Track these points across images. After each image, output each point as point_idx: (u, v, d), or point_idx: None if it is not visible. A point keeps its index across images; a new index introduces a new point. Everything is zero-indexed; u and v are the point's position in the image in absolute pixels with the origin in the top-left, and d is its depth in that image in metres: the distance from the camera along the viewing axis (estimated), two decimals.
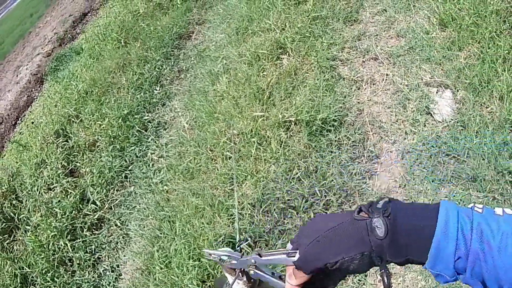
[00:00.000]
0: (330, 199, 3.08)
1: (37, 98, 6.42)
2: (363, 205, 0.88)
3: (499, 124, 3.06)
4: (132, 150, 4.18)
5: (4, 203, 4.25)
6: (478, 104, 3.20)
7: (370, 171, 3.30)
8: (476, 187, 2.93)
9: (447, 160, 3.10)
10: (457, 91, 3.36)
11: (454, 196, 2.92)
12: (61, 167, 4.19)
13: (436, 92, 3.42)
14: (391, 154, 3.34)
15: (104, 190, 4.04)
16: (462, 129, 3.16)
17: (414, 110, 3.37)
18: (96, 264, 3.75)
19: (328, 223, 0.88)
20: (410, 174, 3.16)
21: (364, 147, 3.36)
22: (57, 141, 4.43)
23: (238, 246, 1.16)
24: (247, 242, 2.62)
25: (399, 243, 0.82)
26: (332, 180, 3.14)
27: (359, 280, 2.92)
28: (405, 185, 3.14)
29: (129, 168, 4.15)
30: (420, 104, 3.38)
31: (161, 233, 3.35)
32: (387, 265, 0.86)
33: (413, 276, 2.86)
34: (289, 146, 3.27)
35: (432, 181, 3.07)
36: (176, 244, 3.11)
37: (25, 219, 4.12)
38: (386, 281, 1.96)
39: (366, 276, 2.95)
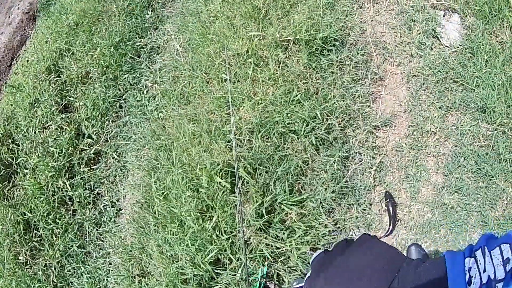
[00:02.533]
0: (332, 123, 2.93)
1: (30, 36, 6.21)
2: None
3: (510, 55, 2.88)
4: (125, 78, 3.97)
5: (1, 149, 4.15)
6: (487, 32, 2.95)
7: (374, 93, 3.15)
8: (485, 119, 2.76)
9: (454, 87, 2.93)
10: (465, 16, 3.11)
11: (461, 125, 2.80)
12: (54, 103, 4.03)
13: (443, 16, 3.19)
14: (395, 76, 3.18)
15: (99, 123, 3.88)
16: (470, 56, 2.95)
17: (420, 33, 3.15)
18: (96, 201, 3.68)
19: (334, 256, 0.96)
20: (416, 99, 3.02)
21: (367, 69, 3.17)
22: (49, 77, 4.24)
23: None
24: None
25: None
26: (334, 103, 2.96)
27: (363, 209, 2.83)
28: (410, 110, 2.99)
29: (123, 97, 3.97)
30: (427, 26, 3.13)
31: (158, 163, 3.24)
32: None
33: (420, 208, 2.73)
34: (287, 66, 3.05)
35: (439, 108, 2.93)
36: (174, 174, 3.03)
37: (23, 162, 3.99)
38: (391, 211, 1.99)
39: (370, 205, 2.87)
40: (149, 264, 3.08)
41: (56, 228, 3.61)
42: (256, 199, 2.68)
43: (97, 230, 3.57)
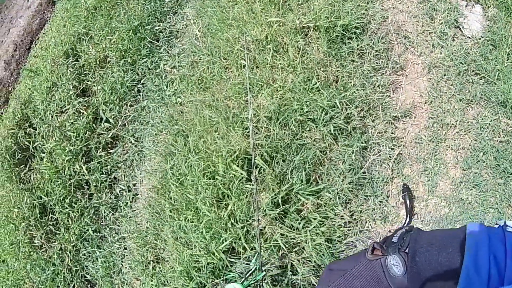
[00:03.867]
0: (351, 112, 2.87)
1: (49, 19, 6.23)
2: (376, 242, 0.82)
3: None
4: (144, 62, 3.95)
5: (19, 132, 4.18)
6: (510, 25, 2.88)
7: (394, 83, 3.08)
8: (506, 113, 2.70)
9: (476, 79, 2.87)
10: (488, 7, 3.04)
11: (482, 119, 2.73)
12: (72, 87, 4.04)
13: (466, 6, 3.11)
14: (416, 67, 3.11)
15: (117, 107, 3.88)
16: (492, 49, 2.88)
17: (442, 22, 3.08)
18: (112, 185, 3.69)
19: (342, 269, 0.83)
20: (437, 91, 2.95)
21: (388, 58, 3.11)
22: (67, 61, 4.24)
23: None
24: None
25: (422, 279, 0.73)
26: (354, 92, 2.91)
27: (380, 201, 2.79)
28: (431, 102, 2.92)
29: (142, 81, 3.95)
30: (449, 16, 3.05)
31: (175, 149, 3.24)
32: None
33: (437, 202, 2.69)
34: (307, 53, 2.99)
35: (460, 100, 2.87)
36: (190, 161, 3.01)
37: (40, 146, 4.03)
38: (408, 204, 1.86)
39: (388, 197, 2.83)
40: (164, 250, 3.09)
41: (72, 212, 3.64)
42: (273, 188, 2.66)
43: (113, 214, 3.59)
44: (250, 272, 2.49)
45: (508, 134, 2.69)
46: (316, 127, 2.81)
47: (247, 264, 2.69)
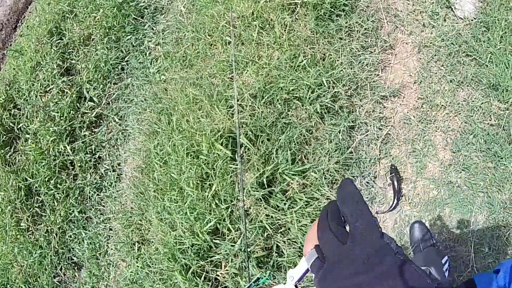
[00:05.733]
0: (338, 91, 2.81)
1: None
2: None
3: None
4: (128, 39, 3.87)
5: (3, 114, 4.09)
6: (504, 7, 2.83)
7: (383, 62, 3.03)
8: (497, 97, 2.66)
9: (467, 61, 2.82)
10: None
11: (472, 101, 2.69)
12: (56, 66, 3.94)
13: None
14: (406, 46, 3.05)
15: (101, 85, 3.80)
16: (485, 31, 2.83)
17: (433, 2, 3.00)
18: (97, 165, 3.64)
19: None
20: (427, 71, 2.90)
21: (377, 36, 3.04)
22: (51, 40, 4.13)
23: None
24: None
25: None
26: (341, 70, 2.85)
27: (367, 182, 2.75)
28: (420, 82, 2.87)
29: (126, 59, 3.87)
30: None
31: (158, 128, 3.17)
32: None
33: (425, 184, 2.65)
34: (294, 30, 2.91)
35: (450, 81, 2.82)
36: (173, 140, 2.95)
37: (24, 127, 3.96)
38: (396, 185, 1.75)
39: (375, 178, 2.80)
40: (149, 231, 3.05)
41: (57, 194, 3.59)
42: (258, 167, 2.60)
43: (98, 195, 3.55)
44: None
45: (499, 118, 2.65)
46: (302, 105, 2.75)
47: (232, 245, 2.65)
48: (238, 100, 2.69)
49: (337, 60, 2.88)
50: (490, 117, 2.68)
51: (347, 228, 0.69)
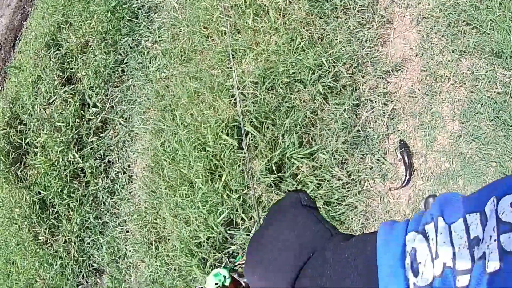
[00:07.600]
0: (339, 70, 2.78)
1: (30, 13, 6.16)
2: None
3: None
4: (125, 41, 3.88)
5: (10, 132, 4.14)
6: None
7: (382, 37, 2.99)
8: (502, 64, 2.58)
9: (468, 30, 2.74)
10: None
11: (477, 70, 2.64)
12: (57, 78, 3.96)
13: None
14: (404, 19, 3.01)
15: (103, 90, 3.81)
16: None
17: None
18: (107, 169, 3.65)
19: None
20: (428, 43, 2.85)
21: (373, 12, 3.00)
22: (49, 52, 4.15)
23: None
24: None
25: None
26: (341, 49, 2.82)
27: (377, 159, 2.72)
28: (422, 54, 2.82)
29: (125, 61, 3.88)
30: None
31: (163, 125, 3.17)
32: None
33: (436, 157, 2.60)
34: (289, 14, 2.88)
35: (453, 52, 2.76)
36: (180, 135, 2.95)
37: (32, 141, 3.99)
38: (407, 160, 1.70)
39: (385, 154, 2.76)
40: (164, 229, 3.06)
41: (71, 202, 3.61)
42: (265, 154, 2.59)
43: (111, 198, 3.57)
44: None
45: (505, 85, 2.59)
46: (305, 87, 2.73)
47: (247, 235, 2.64)
48: (239, 89, 2.68)
49: (335, 39, 2.85)
50: (496, 85, 2.63)
51: None
